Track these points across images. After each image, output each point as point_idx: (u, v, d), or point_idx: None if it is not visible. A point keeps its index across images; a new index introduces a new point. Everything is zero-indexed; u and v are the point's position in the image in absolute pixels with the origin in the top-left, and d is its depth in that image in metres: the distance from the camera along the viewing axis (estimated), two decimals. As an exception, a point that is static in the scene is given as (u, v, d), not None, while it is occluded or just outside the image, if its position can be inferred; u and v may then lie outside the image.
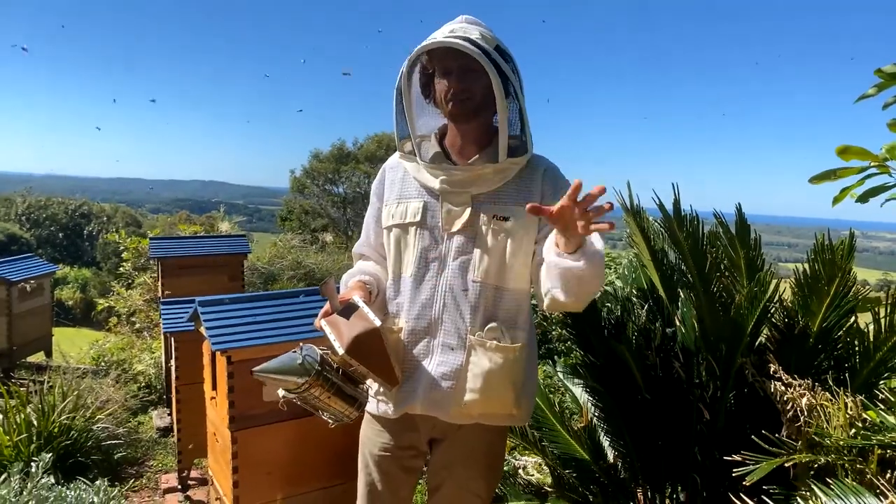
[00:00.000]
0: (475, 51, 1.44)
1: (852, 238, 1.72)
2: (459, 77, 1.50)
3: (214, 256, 4.64)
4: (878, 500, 1.14)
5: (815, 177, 1.66)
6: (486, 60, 1.44)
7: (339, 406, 1.50)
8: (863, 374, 1.75)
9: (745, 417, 1.86)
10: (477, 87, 1.51)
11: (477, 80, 1.50)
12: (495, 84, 1.46)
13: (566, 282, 1.38)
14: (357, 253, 1.81)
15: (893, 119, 1.65)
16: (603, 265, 1.39)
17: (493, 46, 1.49)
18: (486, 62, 1.44)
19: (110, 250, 21.28)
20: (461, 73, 1.50)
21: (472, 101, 1.52)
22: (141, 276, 7.21)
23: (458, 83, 1.50)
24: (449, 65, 1.51)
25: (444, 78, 1.53)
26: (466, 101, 1.52)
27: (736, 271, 1.97)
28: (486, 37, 1.50)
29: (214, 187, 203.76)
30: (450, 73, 1.51)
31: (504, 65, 1.48)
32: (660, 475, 2.08)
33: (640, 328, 2.10)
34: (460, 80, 1.50)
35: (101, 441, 3.48)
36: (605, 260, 1.39)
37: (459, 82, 1.50)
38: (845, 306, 1.78)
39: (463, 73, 1.50)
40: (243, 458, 2.15)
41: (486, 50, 1.46)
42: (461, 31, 1.50)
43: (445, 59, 1.51)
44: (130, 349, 5.79)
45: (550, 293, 1.43)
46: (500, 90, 1.47)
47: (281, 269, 8.65)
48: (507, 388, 1.56)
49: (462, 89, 1.51)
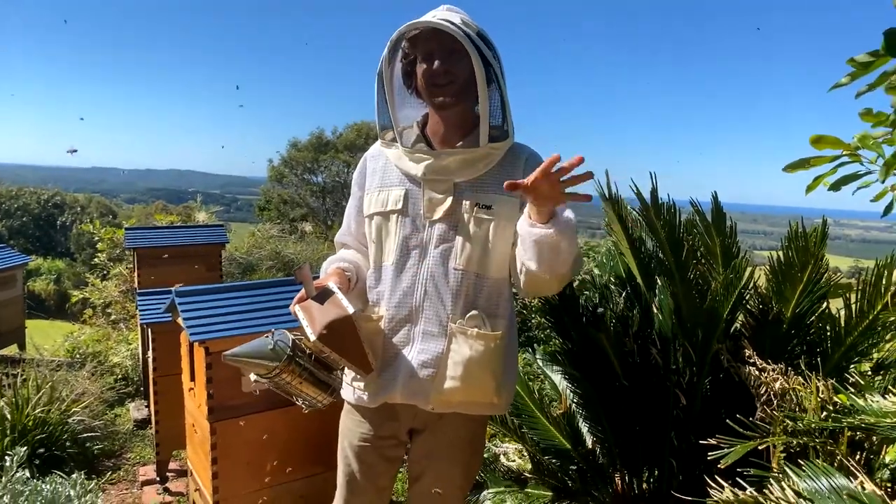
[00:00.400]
0: (458, 32, 1.45)
1: (825, 225, 1.75)
2: (442, 59, 1.50)
3: (191, 246, 4.58)
4: (849, 480, 1.17)
5: (790, 165, 1.69)
6: (469, 43, 1.45)
7: (311, 392, 1.50)
8: (834, 359, 1.79)
9: (721, 402, 1.89)
10: (459, 70, 1.51)
11: (459, 62, 1.50)
12: (477, 67, 1.46)
13: (539, 251, 1.40)
14: (338, 242, 1.80)
15: (865, 108, 1.68)
16: (575, 235, 1.42)
17: (475, 32, 1.50)
18: (468, 44, 1.45)
19: (84, 241, 20.94)
20: (444, 56, 1.50)
21: (455, 84, 1.52)
22: (116, 267, 7.11)
23: (440, 65, 1.51)
24: (431, 48, 1.51)
25: (425, 62, 1.53)
26: (449, 85, 1.52)
27: (712, 259, 2.00)
28: (467, 23, 1.51)
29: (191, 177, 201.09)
30: (432, 56, 1.51)
31: (486, 50, 1.49)
32: (637, 460, 2.11)
33: (618, 315, 2.12)
34: (442, 63, 1.51)
35: (76, 434, 3.44)
36: (576, 231, 1.43)
37: (442, 64, 1.51)
38: (818, 292, 1.81)
39: (445, 56, 1.50)
40: (222, 448, 2.14)
41: (468, 33, 1.47)
42: (442, 17, 1.50)
43: (428, 42, 1.51)
44: (106, 341, 5.71)
45: (524, 266, 1.46)
46: (481, 72, 1.47)
47: (259, 259, 8.59)
48: (488, 376, 1.56)
49: (444, 71, 1.51)
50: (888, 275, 1.68)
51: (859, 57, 1.29)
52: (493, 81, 1.53)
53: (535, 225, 1.40)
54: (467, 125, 1.59)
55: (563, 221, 1.39)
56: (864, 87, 1.41)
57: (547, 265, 1.42)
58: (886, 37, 1.18)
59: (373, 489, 1.69)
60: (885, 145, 1.63)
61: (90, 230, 7.86)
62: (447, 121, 1.59)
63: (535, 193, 1.34)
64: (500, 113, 1.57)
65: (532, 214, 1.41)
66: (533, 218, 1.41)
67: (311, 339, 1.41)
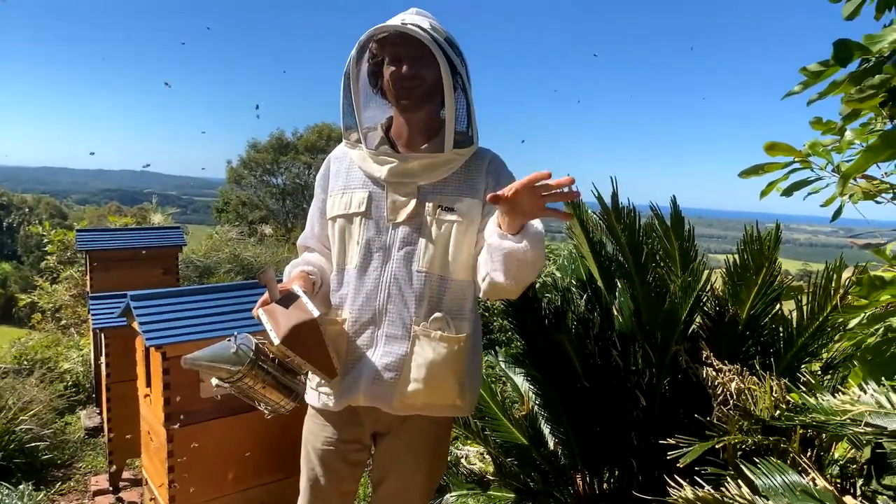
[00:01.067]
0: (426, 37, 1.45)
1: (778, 230, 1.81)
2: (410, 63, 1.50)
3: (147, 249, 4.46)
4: (801, 476, 1.20)
5: (744, 171, 1.74)
6: (437, 48, 1.46)
7: (274, 397, 1.47)
8: (786, 359, 1.84)
9: (679, 402, 1.93)
10: (426, 74, 1.51)
11: (426, 66, 1.50)
12: (444, 73, 1.47)
13: (507, 264, 1.39)
14: (301, 245, 1.78)
15: (815, 117, 1.75)
16: (543, 247, 1.41)
17: (444, 38, 1.51)
18: (436, 49, 1.46)
19: (33, 243, 20.22)
20: (411, 60, 1.50)
21: (421, 88, 1.52)
22: (67, 270, 6.88)
23: (408, 69, 1.51)
24: (399, 51, 1.51)
25: (393, 64, 1.53)
26: (415, 88, 1.52)
27: (671, 262, 2.04)
28: (436, 28, 1.52)
29: (146, 177, 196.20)
30: (400, 59, 1.51)
31: (454, 56, 1.50)
32: (598, 460, 2.14)
33: (580, 318, 2.15)
34: (410, 66, 1.51)
35: (24, 443, 3.32)
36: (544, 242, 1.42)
37: (410, 68, 1.51)
38: (771, 294, 1.87)
39: (413, 60, 1.50)
40: (179, 456, 2.09)
41: (436, 39, 1.47)
42: (411, 21, 1.50)
43: (396, 46, 1.51)
44: (56, 347, 5.52)
45: (489, 277, 1.44)
46: (448, 78, 1.48)
47: (217, 262, 8.41)
48: (451, 379, 1.56)
49: (412, 75, 1.51)
50: (837, 278, 1.75)
51: (811, 66, 1.33)
52: (458, 87, 1.54)
53: (505, 237, 1.38)
54: (432, 129, 1.59)
55: (533, 234, 1.37)
56: (815, 96, 1.46)
57: (513, 277, 1.40)
58: (836, 47, 1.23)
59: (336, 494, 1.67)
60: (834, 153, 1.70)
61: (39, 232, 7.59)
62: (412, 124, 1.59)
63: (513, 206, 1.32)
64: (466, 118, 1.58)
65: (502, 225, 1.39)
66: (503, 228, 1.39)
67: (274, 342, 1.39)
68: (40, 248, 9.05)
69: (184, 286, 4.60)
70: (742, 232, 1.87)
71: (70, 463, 3.57)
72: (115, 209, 11.83)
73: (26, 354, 5.31)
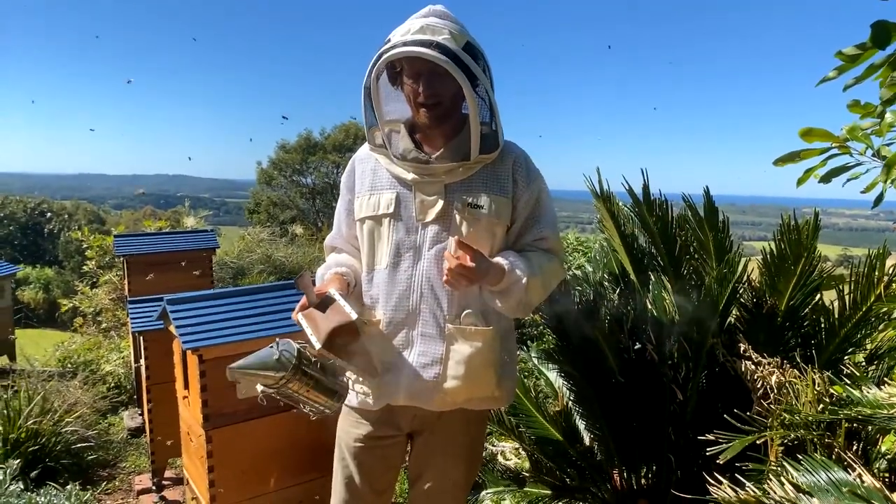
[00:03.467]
0: (442, 59, 1.40)
1: (817, 218, 1.76)
2: (428, 82, 1.47)
3: (182, 252, 4.55)
4: (847, 472, 1.17)
5: (780, 159, 1.69)
6: (453, 66, 1.41)
7: (319, 399, 1.49)
8: (829, 351, 1.79)
9: (717, 397, 1.89)
10: (445, 91, 1.48)
11: (446, 83, 1.47)
12: (466, 90, 1.43)
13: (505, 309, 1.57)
14: (329, 246, 1.78)
15: (853, 100, 1.69)
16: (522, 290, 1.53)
17: (463, 44, 1.45)
18: (452, 68, 1.41)
19: (73, 249, 20.79)
20: (430, 78, 1.47)
21: (442, 107, 1.50)
22: (106, 275, 7.05)
23: (427, 89, 1.48)
24: (418, 68, 1.48)
25: (412, 80, 1.50)
26: (436, 107, 1.50)
27: (705, 253, 2.00)
28: (454, 35, 1.45)
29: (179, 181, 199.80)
30: (419, 76, 1.48)
31: (473, 65, 1.44)
32: (635, 456, 2.11)
33: (613, 312, 2.12)
34: (428, 86, 1.47)
35: (70, 444, 3.41)
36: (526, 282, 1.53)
37: (428, 87, 1.48)
38: (811, 285, 1.82)
39: (431, 78, 1.47)
40: (218, 456, 2.13)
41: (454, 53, 1.42)
42: (429, 30, 1.44)
43: (414, 62, 1.47)
44: (98, 350, 5.67)
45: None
46: (471, 95, 1.44)
47: (250, 262, 8.53)
48: (489, 370, 1.57)
49: (430, 94, 1.48)
50: (880, 265, 1.69)
51: (847, 50, 1.29)
52: (480, 96, 1.50)
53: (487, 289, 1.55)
54: (457, 128, 1.57)
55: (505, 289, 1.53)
56: (852, 80, 1.41)
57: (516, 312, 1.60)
58: (874, 29, 1.19)
59: (371, 492, 1.68)
60: (874, 136, 1.64)
61: (78, 238, 7.79)
62: (434, 140, 1.59)
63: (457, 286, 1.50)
64: (489, 120, 1.56)
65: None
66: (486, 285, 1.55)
67: (315, 346, 1.40)
68: (80, 253, 9.28)
69: (218, 288, 4.67)
70: (778, 219, 1.82)
71: (114, 463, 3.67)
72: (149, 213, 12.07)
73: (69, 358, 5.46)
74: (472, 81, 1.44)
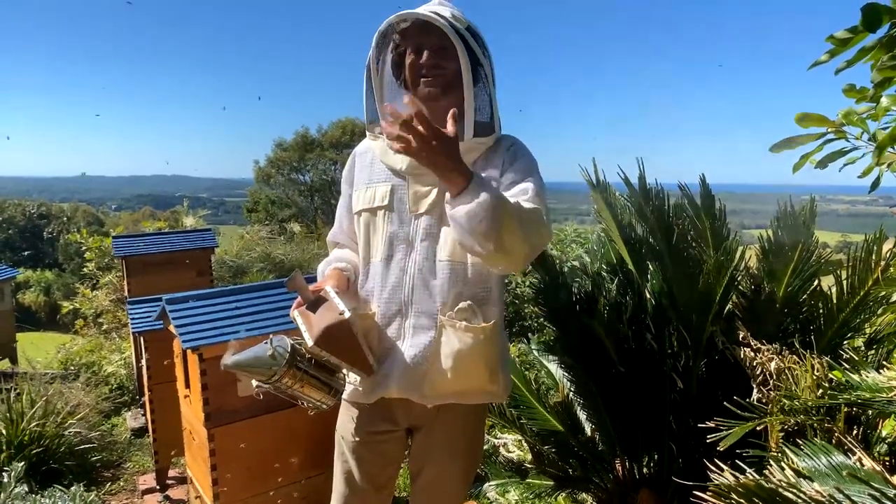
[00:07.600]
0: (447, 27, 1.44)
1: (813, 204, 1.76)
2: (432, 53, 1.50)
3: (181, 252, 4.55)
4: (847, 457, 1.17)
5: (776, 145, 1.69)
6: (458, 38, 1.45)
7: (313, 394, 1.49)
8: (827, 336, 1.80)
9: (717, 384, 1.90)
10: (449, 64, 1.51)
11: (449, 57, 1.50)
12: (464, 62, 1.46)
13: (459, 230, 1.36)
14: (331, 241, 1.79)
15: (849, 84, 1.68)
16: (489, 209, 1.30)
17: (465, 27, 1.50)
18: (456, 39, 1.45)
19: (72, 251, 20.79)
20: (434, 50, 1.50)
21: (444, 78, 1.52)
22: (106, 276, 7.05)
23: (430, 58, 1.50)
24: (421, 41, 1.51)
25: (415, 54, 1.52)
26: (437, 77, 1.51)
27: (702, 241, 2.00)
28: (457, 17, 1.50)
29: (177, 181, 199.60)
30: (421, 49, 1.51)
31: (476, 47, 1.49)
32: (637, 445, 2.12)
33: (611, 302, 2.12)
34: (432, 56, 1.50)
35: (74, 446, 3.42)
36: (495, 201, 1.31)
37: (431, 57, 1.50)
38: (809, 270, 1.82)
39: (435, 51, 1.50)
40: (221, 454, 2.13)
41: (457, 28, 1.46)
42: (434, 10, 1.49)
43: (418, 36, 1.50)
44: (99, 351, 5.68)
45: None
46: (467, 68, 1.47)
47: (250, 261, 8.54)
48: (481, 366, 1.56)
49: (433, 64, 1.50)
50: (878, 249, 1.69)
51: (838, 33, 1.28)
52: (480, 80, 1.52)
53: (448, 201, 1.36)
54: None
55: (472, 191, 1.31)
56: (843, 64, 1.41)
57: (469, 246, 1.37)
58: (864, 12, 1.18)
59: (370, 487, 1.68)
60: (870, 121, 1.64)
61: (77, 240, 7.79)
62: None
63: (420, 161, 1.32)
64: (489, 110, 1.56)
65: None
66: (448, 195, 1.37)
67: (309, 344, 1.41)
68: (80, 255, 9.28)
69: (218, 286, 4.67)
70: (776, 206, 1.82)
71: (118, 463, 3.68)
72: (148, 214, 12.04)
73: (71, 359, 5.46)
74: (473, 60, 1.48)
